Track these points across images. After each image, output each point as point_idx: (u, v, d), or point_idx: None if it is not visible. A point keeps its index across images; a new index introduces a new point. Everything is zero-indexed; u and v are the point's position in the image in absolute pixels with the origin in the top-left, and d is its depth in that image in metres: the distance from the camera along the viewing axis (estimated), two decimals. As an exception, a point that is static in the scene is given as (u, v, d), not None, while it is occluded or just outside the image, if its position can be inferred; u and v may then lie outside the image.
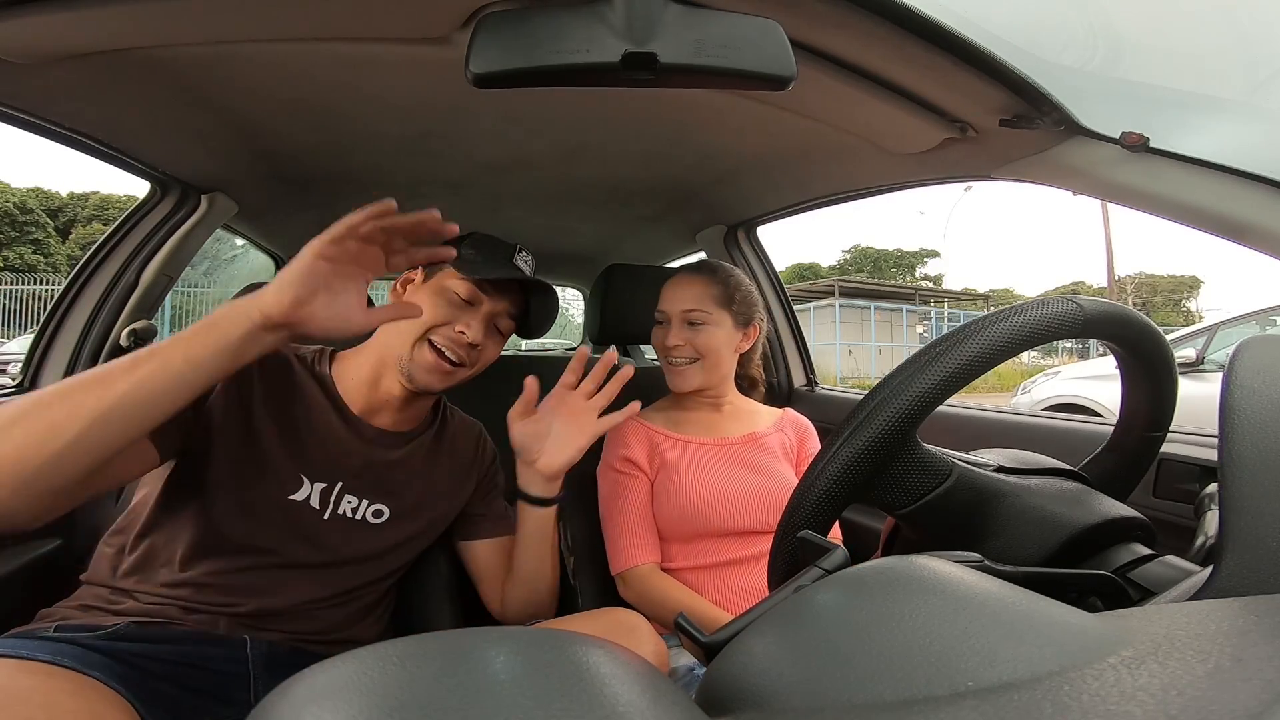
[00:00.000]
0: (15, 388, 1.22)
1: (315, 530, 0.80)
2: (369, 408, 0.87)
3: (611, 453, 1.06)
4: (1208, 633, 0.24)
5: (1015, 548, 0.49)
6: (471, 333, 0.84)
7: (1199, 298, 29.34)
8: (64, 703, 0.55)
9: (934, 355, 0.46)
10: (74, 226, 19.05)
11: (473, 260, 0.86)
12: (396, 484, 0.87)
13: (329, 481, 0.82)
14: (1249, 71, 0.78)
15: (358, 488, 0.84)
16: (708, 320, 1.04)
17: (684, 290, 1.06)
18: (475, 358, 0.87)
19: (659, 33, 0.53)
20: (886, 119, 0.86)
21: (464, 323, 0.84)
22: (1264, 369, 0.35)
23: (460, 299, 0.85)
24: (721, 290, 1.06)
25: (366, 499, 0.85)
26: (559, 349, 3.45)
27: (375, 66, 0.86)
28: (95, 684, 0.59)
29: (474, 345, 0.85)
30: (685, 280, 1.07)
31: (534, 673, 0.21)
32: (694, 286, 1.06)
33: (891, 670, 0.25)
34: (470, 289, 0.86)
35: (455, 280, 0.86)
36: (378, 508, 0.85)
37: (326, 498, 0.81)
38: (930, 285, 30.46)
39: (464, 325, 0.84)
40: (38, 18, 0.66)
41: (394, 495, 0.87)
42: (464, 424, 1.00)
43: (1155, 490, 0.89)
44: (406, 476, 0.88)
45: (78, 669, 0.59)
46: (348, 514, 0.83)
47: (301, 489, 0.80)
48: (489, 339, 0.88)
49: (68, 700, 0.55)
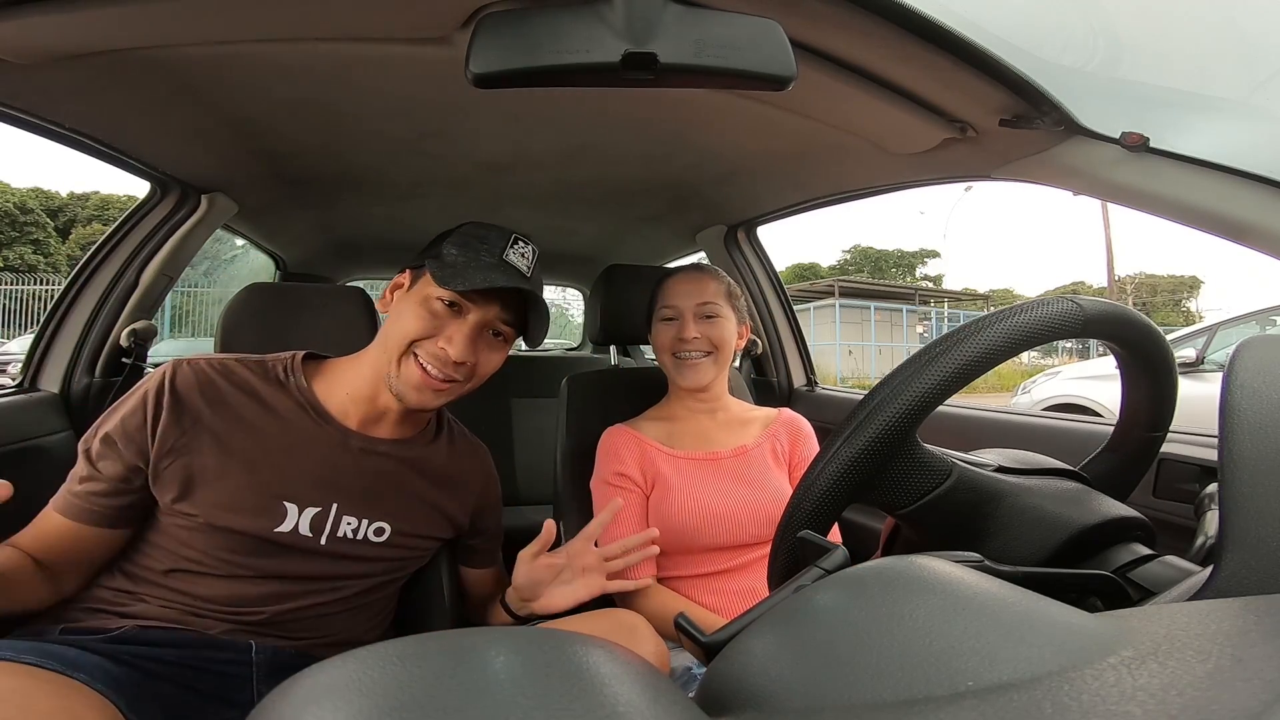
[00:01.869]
0: (15, 388, 1.22)
1: (314, 555, 0.77)
2: (366, 420, 0.82)
3: (606, 467, 1.06)
4: (1208, 633, 0.24)
5: (1015, 548, 0.49)
6: (454, 349, 0.76)
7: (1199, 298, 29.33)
8: (42, 703, 0.55)
9: (934, 355, 0.46)
10: (74, 226, 19.03)
11: (453, 263, 0.76)
12: (395, 497, 0.83)
13: (322, 505, 0.77)
14: (1249, 71, 0.78)
15: (355, 506, 0.79)
16: (719, 313, 1.06)
17: (696, 285, 1.08)
18: (469, 372, 0.80)
19: (659, 33, 0.53)
20: (886, 119, 0.86)
21: (447, 336, 0.76)
22: (1264, 369, 0.35)
23: (444, 308, 0.77)
24: (726, 288, 1.10)
25: (366, 517, 0.80)
26: (558, 349, 3.45)
27: (375, 66, 0.86)
28: (77, 685, 0.59)
29: (459, 363, 0.77)
30: (698, 277, 1.09)
31: (534, 673, 0.21)
32: (705, 282, 1.08)
33: (891, 670, 0.25)
34: (453, 296, 0.77)
35: (435, 286, 0.77)
36: (380, 525, 0.81)
37: (321, 522, 0.77)
38: (930, 285, 30.45)
39: (446, 340, 0.76)
40: (38, 18, 0.66)
41: (394, 512, 0.83)
42: (468, 444, 0.95)
43: (1155, 490, 0.89)
44: (404, 488, 0.84)
45: (62, 671, 0.59)
46: (348, 535, 0.79)
47: (287, 519, 0.75)
48: (485, 350, 0.80)
49: (46, 701, 0.55)
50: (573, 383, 1.24)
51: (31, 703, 0.54)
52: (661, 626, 0.93)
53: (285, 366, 0.82)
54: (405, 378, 0.77)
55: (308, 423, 0.79)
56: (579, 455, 1.15)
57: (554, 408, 1.27)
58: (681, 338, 1.05)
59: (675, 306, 1.07)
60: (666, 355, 1.08)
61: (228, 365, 0.79)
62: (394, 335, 0.78)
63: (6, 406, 1.13)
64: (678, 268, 1.15)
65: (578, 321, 3.72)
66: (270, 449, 0.76)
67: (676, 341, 1.05)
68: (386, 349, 0.78)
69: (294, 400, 0.80)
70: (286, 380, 0.81)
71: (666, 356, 1.08)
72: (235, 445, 0.75)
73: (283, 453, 0.77)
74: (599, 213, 1.69)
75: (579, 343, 3.08)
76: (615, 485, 1.04)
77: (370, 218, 1.74)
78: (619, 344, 1.63)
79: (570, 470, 1.15)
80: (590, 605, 0.83)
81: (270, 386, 0.80)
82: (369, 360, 0.82)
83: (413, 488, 0.85)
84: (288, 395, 0.80)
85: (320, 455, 0.78)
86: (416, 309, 0.77)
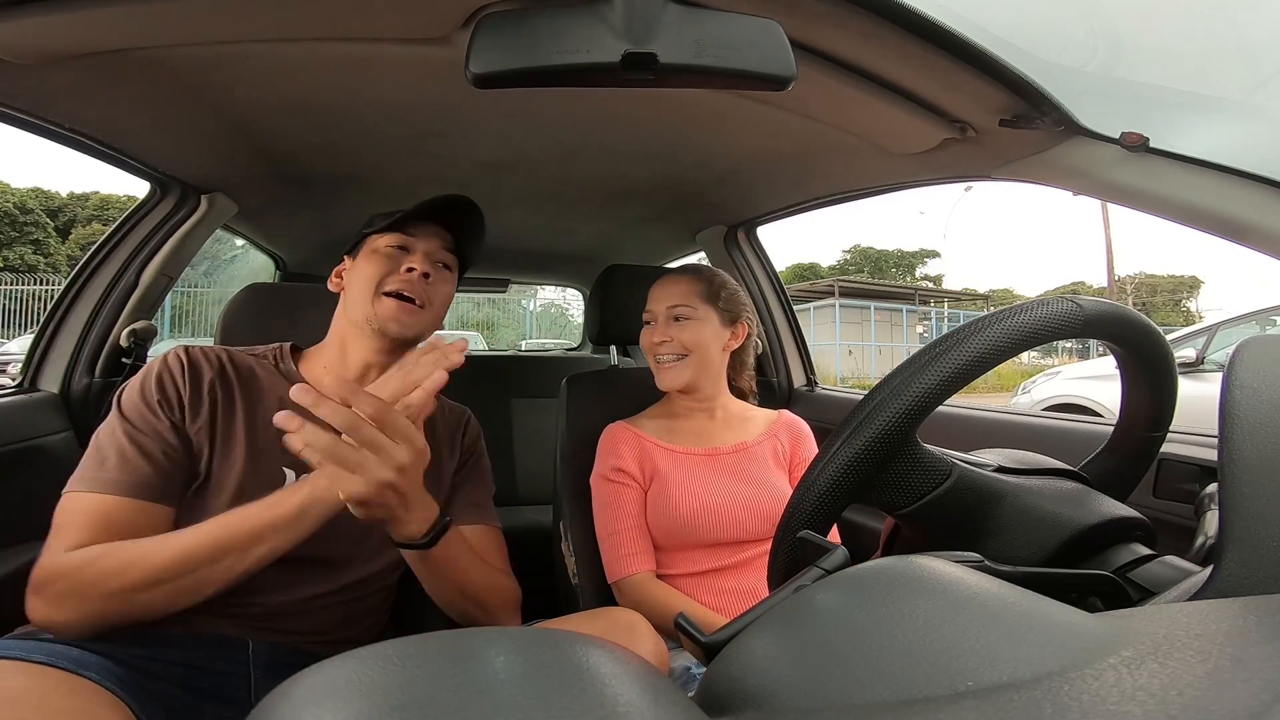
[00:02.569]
0: (15, 388, 1.22)
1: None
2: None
3: (604, 462, 1.06)
4: (1208, 633, 0.24)
5: (1015, 548, 0.49)
6: (418, 264, 0.87)
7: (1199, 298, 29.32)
8: (57, 703, 0.54)
9: (934, 355, 0.46)
10: (74, 226, 19.02)
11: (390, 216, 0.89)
12: None
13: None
14: (1249, 71, 0.78)
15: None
16: (692, 315, 1.06)
17: (668, 288, 1.09)
18: (432, 294, 0.89)
19: (659, 33, 0.53)
20: (886, 119, 0.86)
21: (407, 265, 0.87)
22: (1264, 369, 0.35)
23: (393, 249, 0.88)
24: (705, 287, 1.08)
25: None
26: (558, 349, 3.45)
27: (375, 66, 0.86)
28: (90, 684, 0.59)
29: (425, 275, 0.88)
30: (670, 280, 1.10)
31: (534, 672, 0.21)
32: (679, 284, 1.08)
33: (891, 670, 0.25)
34: (397, 237, 0.88)
35: (380, 238, 0.89)
36: None
37: None
38: (930, 285, 30.46)
39: (407, 267, 0.87)
40: (38, 18, 0.66)
41: None
42: (450, 409, 1.00)
43: (1155, 490, 0.89)
44: None
45: (72, 670, 0.59)
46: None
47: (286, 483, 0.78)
48: (437, 275, 0.91)
49: (61, 700, 0.55)
50: (572, 383, 1.24)
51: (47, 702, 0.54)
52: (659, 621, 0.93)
53: (275, 355, 0.90)
54: (383, 313, 0.86)
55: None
56: (579, 455, 1.15)
57: (554, 408, 1.27)
58: (652, 341, 1.08)
59: (651, 311, 1.10)
60: (649, 357, 1.11)
61: (230, 352, 0.86)
62: (359, 287, 0.86)
63: (6, 406, 1.13)
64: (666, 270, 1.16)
65: (578, 322, 3.72)
66: (267, 423, 0.80)
67: (651, 344, 1.08)
68: (357, 303, 0.86)
69: (287, 382, 0.86)
70: (278, 366, 0.88)
71: (648, 359, 1.11)
72: (237, 420, 0.80)
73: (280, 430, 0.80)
74: (599, 213, 1.69)
75: (579, 343, 3.08)
76: (613, 480, 1.04)
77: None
78: (619, 344, 1.64)
79: (570, 470, 1.15)
80: (590, 606, 0.83)
81: (267, 373, 0.86)
82: (335, 331, 0.90)
83: None
84: (280, 378, 0.87)
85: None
86: (370, 260, 0.88)
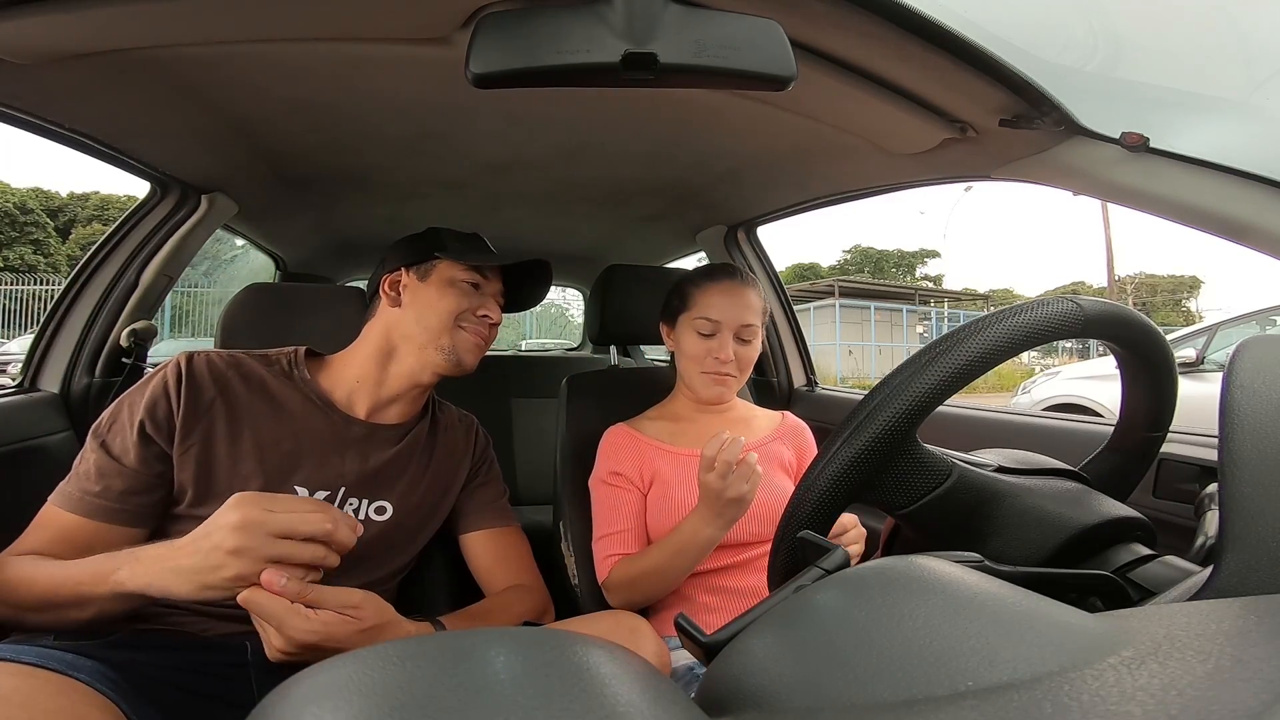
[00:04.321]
0: (15, 387, 1.22)
1: None
2: (374, 406, 0.88)
3: (602, 466, 1.05)
4: (1208, 633, 0.24)
5: (1015, 548, 0.49)
6: (495, 314, 0.93)
7: (1199, 298, 29.32)
8: (44, 702, 0.54)
9: (934, 355, 0.46)
10: (74, 226, 19.02)
11: (465, 251, 0.93)
12: (396, 479, 0.88)
13: (330, 489, 0.82)
14: (1248, 71, 0.78)
15: (361, 489, 0.84)
16: (758, 335, 1.03)
17: (741, 301, 1.01)
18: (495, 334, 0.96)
19: (659, 33, 0.53)
20: (886, 119, 0.86)
21: (484, 307, 0.92)
22: (1264, 369, 0.35)
23: (470, 286, 0.92)
24: (762, 304, 1.05)
25: (368, 498, 0.85)
26: (559, 349, 3.45)
27: (375, 66, 0.86)
28: (80, 685, 0.59)
29: (495, 325, 0.94)
30: (739, 290, 1.02)
31: (534, 673, 0.21)
32: (748, 298, 1.02)
33: (891, 670, 0.25)
34: (476, 276, 0.92)
35: (460, 270, 0.91)
36: (380, 504, 0.86)
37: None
38: (930, 285, 30.46)
39: (486, 309, 0.92)
40: (38, 18, 0.66)
41: (395, 491, 0.87)
42: (458, 417, 1.01)
43: (1155, 490, 0.89)
44: (405, 469, 0.89)
45: (63, 671, 0.59)
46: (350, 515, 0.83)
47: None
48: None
49: (48, 700, 0.55)
50: (573, 383, 1.24)
51: (34, 701, 0.54)
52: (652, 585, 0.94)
53: (288, 360, 0.88)
54: (461, 345, 0.90)
55: (313, 412, 0.84)
56: (579, 455, 1.14)
57: (554, 408, 1.27)
58: (718, 358, 1.00)
59: (716, 321, 1.00)
60: (693, 365, 1.03)
61: (236, 357, 0.84)
62: (435, 316, 0.88)
63: (6, 406, 1.13)
64: (710, 267, 1.10)
65: (578, 322, 3.72)
66: (279, 437, 0.80)
67: (710, 359, 1.00)
68: (429, 329, 0.88)
69: (299, 392, 0.85)
70: (291, 372, 0.86)
71: (692, 365, 1.03)
72: (246, 434, 0.78)
73: (290, 440, 0.81)
74: (599, 213, 1.69)
75: (579, 343, 3.08)
76: (611, 484, 1.03)
77: (370, 218, 1.74)
78: (619, 344, 1.63)
79: (570, 470, 1.15)
80: (591, 608, 0.83)
81: (276, 379, 0.85)
82: (375, 341, 0.89)
83: (415, 465, 0.91)
84: (293, 387, 0.85)
85: (326, 442, 0.83)
86: (447, 290, 0.90)
